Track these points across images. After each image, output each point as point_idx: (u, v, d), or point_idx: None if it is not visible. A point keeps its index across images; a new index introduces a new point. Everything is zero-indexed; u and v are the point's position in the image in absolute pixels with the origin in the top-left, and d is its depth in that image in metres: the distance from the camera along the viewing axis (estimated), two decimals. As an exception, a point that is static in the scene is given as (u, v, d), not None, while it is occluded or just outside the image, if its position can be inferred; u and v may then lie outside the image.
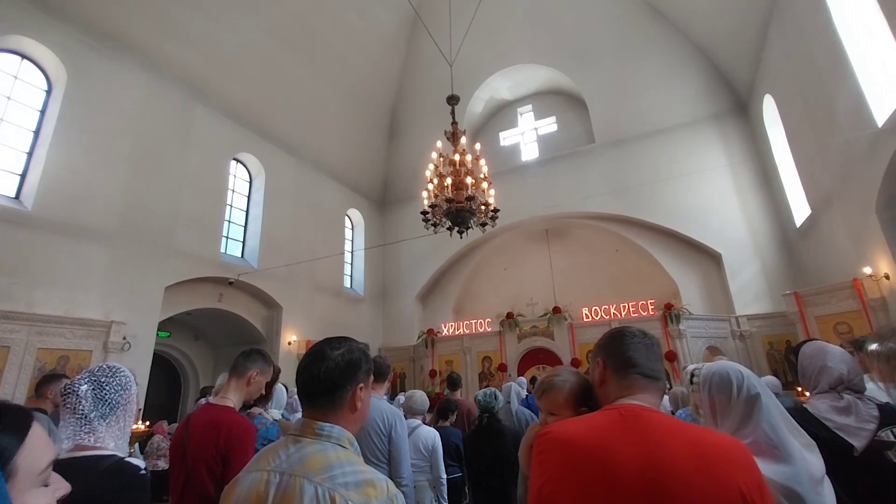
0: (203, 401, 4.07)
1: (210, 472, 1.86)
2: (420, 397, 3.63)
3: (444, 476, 3.26)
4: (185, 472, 1.90)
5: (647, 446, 0.95)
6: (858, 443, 1.52)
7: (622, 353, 1.16)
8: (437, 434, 3.38)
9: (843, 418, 1.58)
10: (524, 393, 5.78)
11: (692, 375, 1.47)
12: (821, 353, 1.72)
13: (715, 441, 0.99)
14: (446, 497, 3.26)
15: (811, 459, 1.20)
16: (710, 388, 1.37)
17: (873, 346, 2.20)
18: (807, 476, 1.16)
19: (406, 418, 3.09)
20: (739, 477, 0.92)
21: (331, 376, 1.14)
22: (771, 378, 4.65)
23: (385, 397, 3.15)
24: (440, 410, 4.08)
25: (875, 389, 2.20)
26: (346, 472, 1.02)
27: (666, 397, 4.26)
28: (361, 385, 1.19)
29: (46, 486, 0.69)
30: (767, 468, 1.15)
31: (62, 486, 0.72)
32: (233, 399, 2.08)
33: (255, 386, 2.18)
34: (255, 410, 2.57)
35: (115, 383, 1.41)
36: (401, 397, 4.48)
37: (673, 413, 3.48)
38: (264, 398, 2.68)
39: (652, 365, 1.15)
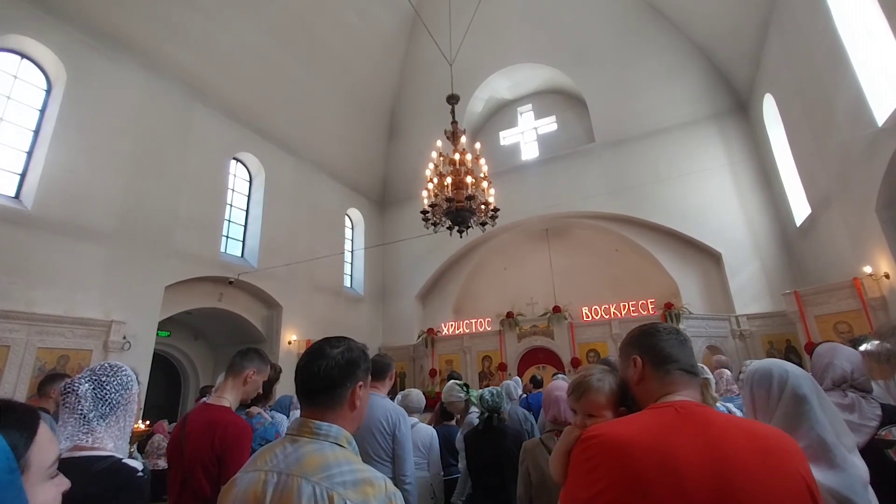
0: (203, 400, 4.07)
1: (206, 472, 1.86)
2: (416, 396, 3.64)
3: (441, 473, 3.27)
4: (182, 472, 1.90)
5: (710, 443, 0.90)
6: (859, 439, 1.53)
7: (660, 349, 1.12)
8: (434, 432, 3.39)
9: (846, 415, 1.59)
10: (519, 392, 5.78)
11: (738, 373, 1.49)
12: (829, 352, 1.74)
13: (768, 433, 0.96)
14: (443, 493, 3.27)
15: (859, 464, 1.18)
16: (751, 384, 1.34)
17: (869, 346, 2.23)
18: (860, 483, 1.14)
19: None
20: (801, 467, 0.90)
21: (330, 374, 1.14)
22: None
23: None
24: (445, 412, 4.10)
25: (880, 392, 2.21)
26: (343, 472, 1.02)
27: None
28: (361, 383, 1.19)
29: (53, 479, 0.74)
30: (821, 475, 1.12)
31: (63, 482, 0.76)
32: (229, 399, 2.08)
33: (252, 385, 2.17)
34: (254, 410, 2.57)
35: (115, 382, 1.40)
36: (399, 396, 4.49)
37: None
38: (264, 398, 2.67)
39: (690, 360, 1.11)
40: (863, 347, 2.36)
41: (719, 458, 0.88)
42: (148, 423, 7.48)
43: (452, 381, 3.68)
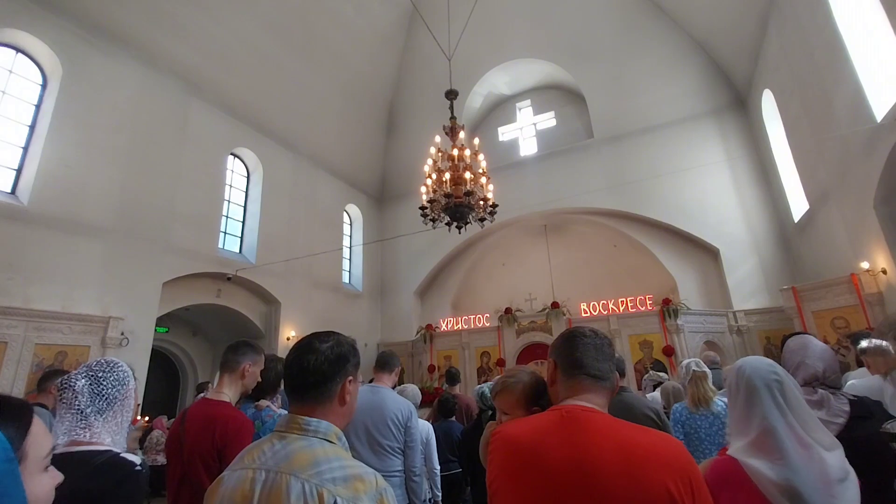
0: (202, 395, 4.06)
1: (206, 466, 1.86)
2: (412, 391, 3.67)
3: (438, 467, 3.30)
4: (181, 467, 1.90)
5: (578, 447, 1.01)
6: None
7: (570, 355, 1.21)
8: (430, 427, 3.42)
9: (815, 411, 1.61)
10: None
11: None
12: (801, 350, 1.76)
13: (647, 441, 1.02)
14: (440, 487, 3.29)
15: (829, 460, 1.20)
16: (727, 379, 1.41)
17: (866, 343, 2.27)
18: (816, 476, 1.16)
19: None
20: (667, 477, 0.95)
21: (320, 369, 1.12)
22: None
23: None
24: (444, 410, 4.13)
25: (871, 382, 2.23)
26: (333, 468, 1.01)
27: (657, 392, 4.26)
28: (350, 378, 1.18)
29: (47, 471, 0.77)
30: (765, 466, 1.18)
31: (56, 475, 0.80)
32: (228, 394, 2.07)
33: (251, 377, 2.16)
34: (263, 403, 2.54)
35: (112, 378, 1.40)
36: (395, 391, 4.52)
37: (665, 409, 3.48)
38: (272, 390, 2.63)
39: (599, 365, 1.19)
40: (863, 344, 2.38)
41: (583, 460, 0.99)
42: (147, 418, 7.48)
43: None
